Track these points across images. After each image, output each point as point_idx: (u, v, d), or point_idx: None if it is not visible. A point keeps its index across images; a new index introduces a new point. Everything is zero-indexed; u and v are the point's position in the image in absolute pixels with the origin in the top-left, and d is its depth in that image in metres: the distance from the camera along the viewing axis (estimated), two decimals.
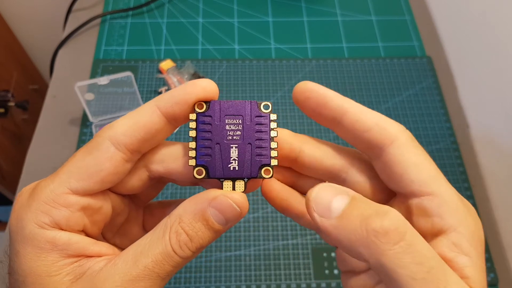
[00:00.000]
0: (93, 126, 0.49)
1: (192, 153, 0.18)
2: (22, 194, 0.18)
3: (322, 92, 0.18)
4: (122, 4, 0.62)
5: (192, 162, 0.18)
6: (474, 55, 0.54)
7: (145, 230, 0.22)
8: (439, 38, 0.61)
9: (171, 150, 0.19)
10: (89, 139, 0.49)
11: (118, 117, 0.50)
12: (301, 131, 0.50)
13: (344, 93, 0.54)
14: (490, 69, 0.50)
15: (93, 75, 0.54)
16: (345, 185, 0.19)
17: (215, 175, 0.18)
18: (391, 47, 0.59)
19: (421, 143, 0.51)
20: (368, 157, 0.19)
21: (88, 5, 0.62)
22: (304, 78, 0.55)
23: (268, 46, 0.59)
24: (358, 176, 0.19)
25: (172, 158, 0.19)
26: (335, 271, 0.42)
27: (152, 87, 0.53)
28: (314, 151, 0.19)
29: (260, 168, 0.18)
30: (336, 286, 0.42)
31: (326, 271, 0.42)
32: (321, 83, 0.57)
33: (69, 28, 0.59)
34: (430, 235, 0.17)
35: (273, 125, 0.18)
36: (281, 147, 0.19)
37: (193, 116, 0.18)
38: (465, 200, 0.17)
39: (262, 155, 0.18)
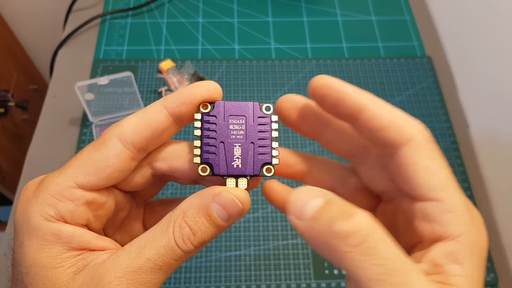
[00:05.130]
0: (93, 126, 0.49)
1: (197, 151, 0.19)
2: (28, 187, 0.18)
3: (340, 88, 0.18)
4: (122, 4, 0.62)
5: (197, 160, 0.19)
6: (474, 55, 0.54)
7: (145, 227, 0.22)
8: (439, 38, 0.61)
9: (174, 148, 0.19)
10: (89, 139, 0.49)
11: (118, 117, 0.50)
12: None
13: None
14: (490, 69, 0.50)
15: (93, 75, 0.54)
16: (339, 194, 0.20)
17: (219, 172, 0.18)
18: (391, 47, 0.59)
19: None
20: (378, 153, 0.19)
21: (88, 5, 0.62)
22: (304, 78, 0.55)
23: (268, 46, 0.59)
24: (350, 187, 0.20)
25: (176, 156, 0.19)
26: (335, 271, 0.42)
27: (152, 87, 0.53)
28: (319, 174, 0.20)
29: (262, 166, 0.19)
30: (336, 286, 0.42)
31: (326, 271, 0.42)
32: None
33: (69, 28, 0.59)
34: (429, 240, 0.17)
35: (274, 125, 0.19)
36: (285, 172, 0.20)
37: (198, 116, 0.19)
38: (473, 209, 0.17)
39: (264, 154, 0.19)
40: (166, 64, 0.54)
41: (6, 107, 0.85)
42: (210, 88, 0.18)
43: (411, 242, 0.18)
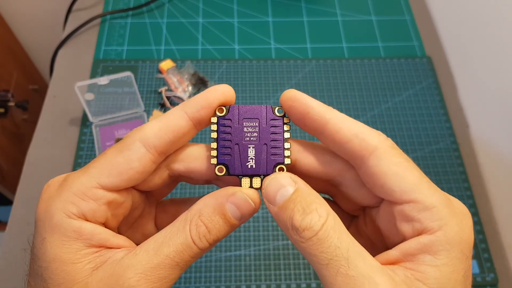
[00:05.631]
0: (93, 126, 0.49)
1: (214, 153, 0.20)
2: (51, 185, 0.19)
3: (305, 102, 0.19)
4: (122, 4, 0.62)
5: (214, 161, 0.20)
6: (474, 55, 0.54)
7: (157, 226, 0.23)
8: (439, 38, 0.61)
9: (191, 150, 0.20)
10: (89, 139, 0.49)
11: (118, 117, 0.50)
12: (300, 131, 0.50)
13: (344, 93, 0.54)
14: (490, 69, 0.50)
15: (93, 75, 0.54)
16: (341, 188, 0.21)
17: (235, 172, 0.19)
18: (391, 47, 0.59)
19: (421, 143, 0.51)
20: (354, 166, 0.20)
21: (88, 5, 0.62)
22: (304, 78, 0.55)
23: (268, 46, 0.59)
24: (352, 181, 0.20)
25: (193, 158, 0.20)
26: None
27: (152, 87, 0.53)
28: (307, 160, 0.20)
29: (275, 166, 0.20)
30: None
31: None
32: (321, 83, 0.57)
33: (69, 28, 0.59)
34: (412, 238, 0.18)
35: (286, 127, 0.20)
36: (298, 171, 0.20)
37: (214, 119, 0.20)
38: (454, 204, 0.18)
39: (276, 154, 0.20)
40: (166, 64, 0.54)
41: (6, 107, 0.85)
42: (224, 91, 0.19)
43: (398, 242, 0.18)
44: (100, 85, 0.48)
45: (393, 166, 0.18)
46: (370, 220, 0.21)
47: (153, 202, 0.23)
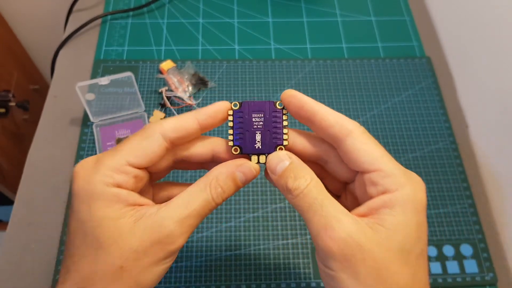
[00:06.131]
0: (94, 126, 0.50)
1: (231, 137, 0.26)
2: (84, 165, 0.24)
3: (300, 98, 0.25)
4: (122, 4, 0.62)
5: (231, 143, 0.26)
6: (473, 56, 0.54)
7: (154, 200, 0.28)
8: (438, 38, 0.61)
9: (197, 142, 0.27)
10: (90, 139, 0.49)
11: (119, 116, 0.50)
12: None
13: (344, 93, 0.54)
14: (489, 69, 0.50)
15: (94, 75, 0.54)
16: (327, 166, 0.27)
17: (247, 151, 0.26)
18: (391, 48, 0.59)
19: (420, 143, 0.52)
20: (335, 147, 0.26)
21: (89, 5, 0.62)
22: (304, 78, 0.55)
23: (268, 47, 0.59)
24: (334, 159, 0.26)
25: (199, 145, 0.27)
26: None
27: (152, 87, 0.54)
28: (300, 143, 0.27)
29: (276, 146, 0.26)
30: None
31: None
32: (321, 83, 0.58)
33: (70, 29, 0.59)
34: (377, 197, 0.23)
35: (284, 117, 0.26)
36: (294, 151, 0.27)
37: (230, 112, 0.26)
38: (411, 174, 0.24)
39: (277, 138, 0.26)
40: (167, 65, 0.54)
41: (7, 107, 0.85)
42: (227, 108, 0.26)
43: None
44: (100, 85, 0.48)
45: (363, 145, 0.24)
46: (350, 194, 0.27)
47: (151, 182, 0.28)
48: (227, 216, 0.45)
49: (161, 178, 0.29)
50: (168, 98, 0.52)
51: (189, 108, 0.52)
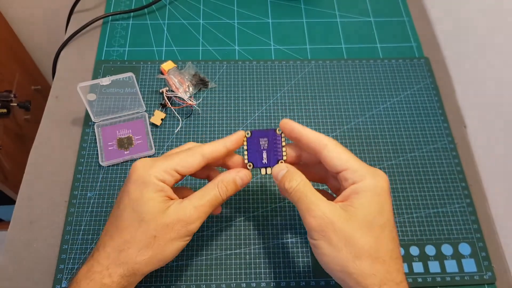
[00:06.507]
0: (95, 126, 0.50)
1: (246, 156, 0.37)
2: (145, 161, 0.34)
3: (291, 124, 0.35)
4: (123, 5, 0.63)
5: (246, 160, 0.37)
6: (471, 56, 0.54)
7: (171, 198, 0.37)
8: (437, 39, 0.61)
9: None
10: (91, 139, 0.50)
11: (120, 117, 0.50)
12: None
13: (343, 93, 0.55)
14: (487, 70, 0.51)
15: (95, 75, 0.55)
16: (310, 168, 0.38)
17: (257, 166, 0.36)
18: (389, 48, 0.59)
19: (418, 142, 0.52)
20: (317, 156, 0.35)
21: (90, 6, 0.63)
22: (304, 79, 0.56)
23: (268, 47, 0.59)
24: (313, 162, 0.37)
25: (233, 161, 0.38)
26: None
27: (153, 88, 0.54)
28: (293, 154, 0.38)
29: (278, 161, 0.36)
30: (334, 284, 0.42)
31: None
32: (320, 84, 0.59)
33: (71, 30, 0.59)
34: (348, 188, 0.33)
35: (283, 139, 0.37)
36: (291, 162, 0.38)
37: (245, 139, 0.37)
38: (373, 168, 0.33)
39: (278, 154, 0.36)
40: (167, 65, 0.54)
41: (9, 107, 0.85)
42: (243, 136, 0.37)
43: None
44: (102, 86, 0.49)
45: (335, 153, 0.33)
46: (338, 191, 0.36)
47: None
48: (227, 215, 0.46)
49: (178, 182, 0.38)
50: (169, 98, 0.52)
51: (189, 108, 0.52)
